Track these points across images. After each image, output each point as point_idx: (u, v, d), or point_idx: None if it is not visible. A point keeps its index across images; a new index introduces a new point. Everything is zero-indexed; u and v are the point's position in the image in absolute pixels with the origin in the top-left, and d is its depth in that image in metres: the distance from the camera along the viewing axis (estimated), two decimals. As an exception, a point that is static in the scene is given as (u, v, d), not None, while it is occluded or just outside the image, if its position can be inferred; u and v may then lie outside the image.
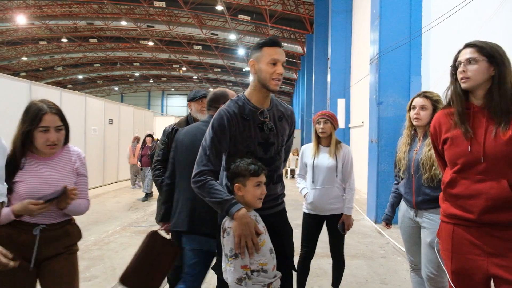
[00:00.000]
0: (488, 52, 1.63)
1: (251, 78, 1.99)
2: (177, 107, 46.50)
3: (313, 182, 3.07)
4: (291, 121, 2.12)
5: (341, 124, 9.94)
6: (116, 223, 6.45)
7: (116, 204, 8.20)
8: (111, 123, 11.59)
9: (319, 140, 3.11)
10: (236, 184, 1.80)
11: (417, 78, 5.81)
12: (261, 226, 1.82)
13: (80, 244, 5.17)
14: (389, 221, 2.83)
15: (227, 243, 1.73)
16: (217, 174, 1.89)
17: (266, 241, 1.79)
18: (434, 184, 2.33)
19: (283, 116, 2.04)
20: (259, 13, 18.16)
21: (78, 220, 1.81)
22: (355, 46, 10.15)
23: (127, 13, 21.33)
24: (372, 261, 4.45)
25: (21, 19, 20.50)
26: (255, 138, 1.91)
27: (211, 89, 3.18)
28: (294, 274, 2.16)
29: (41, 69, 34.54)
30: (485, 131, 1.61)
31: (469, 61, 1.64)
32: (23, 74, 32.43)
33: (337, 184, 3.04)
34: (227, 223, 1.75)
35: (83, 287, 3.67)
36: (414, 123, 2.47)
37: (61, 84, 36.02)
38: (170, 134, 2.78)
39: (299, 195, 3.22)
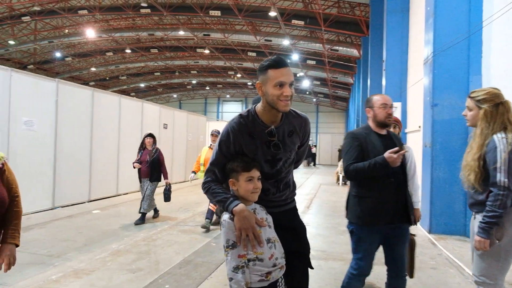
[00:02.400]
0: None
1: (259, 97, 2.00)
2: (231, 113, 47.64)
3: None
4: (304, 132, 2.10)
5: (397, 129, 9.54)
6: (165, 222, 6.80)
7: (168, 205, 8.61)
8: (166, 128, 12.24)
9: None
10: (230, 180, 1.94)
11: (477, 78, 5.42)
12: (261, 217, 1.90)
13: (129, 239, 5.56)
14: None
15: (223, 235, 1.84)
16: (221, 181, 2.01)
17: (262, 231, 1.85)
18: (477, 187, 2.31)
19: (294, 131, 2.03)
20: (313, 18, 18.09)
21: (131, 217, 1.96)
22: (412, 47, 9.71)
23: (184, 23, 22.46)
24: (420, 271, 4.22)
25: (90, 33, 22.49)
26: (261, 155, 1.95)
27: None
28: (312, 272, 2.15)
29: (107, 78, 37.48)
30: None
31: None
32: (92, 83, 35.40)
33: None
34: (223, 217, 1.87)
35: (128, 277, 3.96)
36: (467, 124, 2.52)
37: (125, 92, 38.77)
38: None
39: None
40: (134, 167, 6.91)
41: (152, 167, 6.72)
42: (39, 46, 27.06)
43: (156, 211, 7.15)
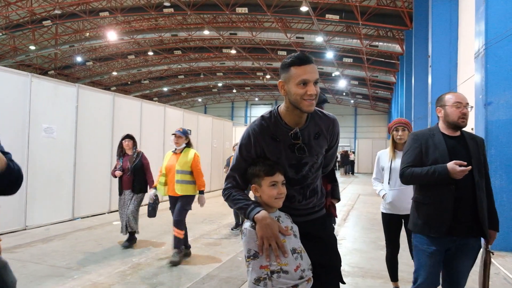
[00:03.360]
0: None
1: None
2: (261, 118, 47.85)
3: (389, 183, 3.74)
4: (332, 134, 2.09)
5: (445, 132, 9.28)
6: (188, 234, 6.90)
7: (191, 216, 8.74)
8: (190, 134, 12.47)
9: (395, 145, 3.80)
10: (252, 185, 1.96)
11: (537, 71, 5.20)
12: (283, 226, 1.90)
13: (150, 252, 5.70)
14: None
15: (244, 244, 1.86)
16: (243, 187, 2.05)
17: (287, 240, 1.86)
18: None
19: (321, 133, 2.03)
20: (349, 11, 17.97)
21: (153, 229, 1.98)
22: (463, 40, 9.43)
23: (210, 22, 22.93)
24: (473, 293, 4.05)
25: (111, 35, 23.42)
26: (285, 160, 1.96)
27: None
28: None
29: (129, 83, 38.80)
30: None
31: None
32: (113, 88, 36.78)
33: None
34: (244, 225, 1.91)
35: (149, 292, 4.05)
36: None
37: (148, 97, 39.95)
38: None
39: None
40: (115, 176, 6.08)
41: (134, 175, 5.99)
42: (60, 51, 28.46)
43: (132, 235, 6.06)
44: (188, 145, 5.53)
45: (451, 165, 2.42)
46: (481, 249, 2.65)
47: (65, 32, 25.79)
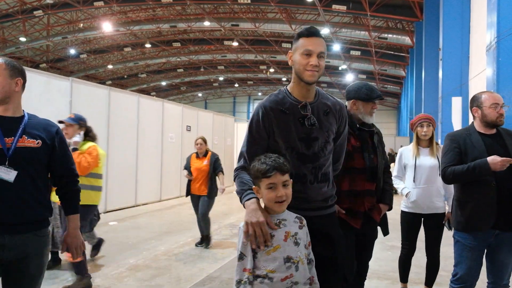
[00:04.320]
0: None
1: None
2: (264, 114, 47.97)
3: (414, 181, 3.75)
4: (340, 116, 2.22)
5: (457, 127, 9.33)
6: (188, 235, 7.02)
7: (191, 216, 8.85)
8: (189, 130, 12.58)
9: (418, 142, 3.81)
10: (253, 186, 1.95)
11: (551, 65, 5.26)
12: (283, 231, 1.87)
13: (149, 253, 5.78)
14: None
15: (238, 243, 1.89)
16: None
17: (281, 247, 1.83)
18: None
19: (330, 111, 2.16)
20: (357, 1, 18.01)
21: (152, 229, 2.08)
22: (475, 32, 9.48)
23: (210, 13, 22.97)
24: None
25: (107, 27, 23.50)
26: (295, 133, 2.06)
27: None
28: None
29: (125, 76, 38.93)
30: None
31: None
32: (108, 82, 36.89)
33: (439, 183, 3.68)
34: (241, 223, 1.91)
35: (147, 294, 4.15)
36: None
37: (145, 92, 40.00)
38: None
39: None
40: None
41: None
42: (52, 43, 28.56)
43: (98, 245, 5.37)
44: (88, 136, 4.48)
45: (491, 158, 2.60)
46: None
47: (57, 22, 25.84)
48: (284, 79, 39.05)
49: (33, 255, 2.11)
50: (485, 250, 2.84)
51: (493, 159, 2.58)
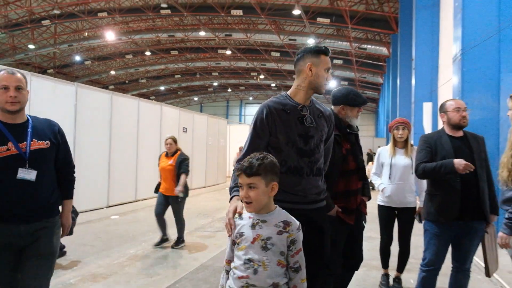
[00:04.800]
0: None
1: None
2: (255, 116, 47.95)
3: (390, 178, 3.87)
4: (330, 121, 2.34)
5: (427, 130, 9.46)
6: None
7: (186, 211, 8.87)
8: (185, 132, 12.58)
9: (395, 143, 3.92)
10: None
11: (508, 76, 5.39)
12: (255, 233, 1.76)
13: (147, 245, 5.79)
14: None
15: None
16: None
17: (246, 248, 1.75)
18: (509, 184, 2.48)
19: (322, 115, 2.29)
20: (339, 15, 18.13)
21: (150, 223, 2.07)
22: (443, 44, 9.63)
23: (205, 24, 22.95)
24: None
25: (110, 35, 23.36)
26: (295, 129, 2.16)
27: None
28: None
29: (127, 81, 38.65)
30: None
31: None
32: (111, 87, 36.61)
33: (411, 181, 3.82)
34: None
35: (146, 282, 4.20)
36: None
37: (145, 96, 39.82)
38: None
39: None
40: None
41: None
42: (59, 50, 28.28)
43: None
44: None
45: (457, 160, 2.71)
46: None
47: (64, 31, 25.63)
48: (273, 84, 39.11)
49: (44, 239, 2.23)
50: (451, 238, 2.93)
51: (458, 162, 2.67)
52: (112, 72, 34.09)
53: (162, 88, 41.80)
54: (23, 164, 2.15)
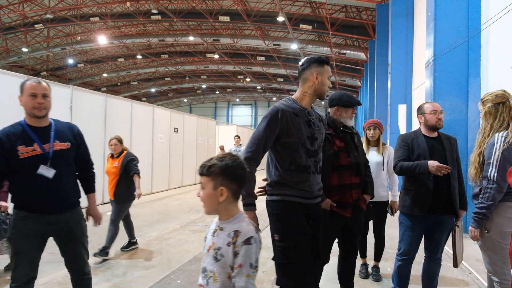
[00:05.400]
0: None
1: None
2: (241, 117, 47.97)
3: None
4: (325, 125, 2.52)
5: (402, 130, 9.67)
6: (176, 222, 7.05)
7: (178, 206, 8.89)
8: (176, 132, 12.54)
9: (368, 142, 3.98)
10: None
11: (476, 80, 5.58)
12: (211, 240, 1.63)
13: (142, 239, 5.76)
14: None
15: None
16: (258, 163, 2.27)
17: (205, 255, 1.64)
18: (476, 181, 2.60)
19: (321, 119, 2.44)
20: (320, 22, 18.31)
21: (144, 218, 2.12)
22: (416, 50, 9.85)
23: (194, 29, 22.87)
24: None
25: (102, 39, 23.05)
26: (304, 131, 2.25)
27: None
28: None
29: (119, 84, 38.17)
30: None
31: None
32: (103, 89, 36.09)
33: (383, 176, 3.90)
34: None
35: (141, 273, 4.21)
36: None
37: (136, 97, 39.41)
38: None
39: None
40: None
41: None
42: (52, 53, 27.76)
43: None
44: None
45: (431, 161, 2.79)
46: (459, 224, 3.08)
47: (56, 35, 25.15)
48: (258, 87, 39.20)
49: (74, 225, 2.49)
50: (424, 231, 3.03)
51: (432, 163, 2.76)
52: (105, 75, 33.64)
53: (153, 90, 41.43)
54: (45, 163, 2.31)
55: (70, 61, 28.99)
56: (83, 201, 2.69)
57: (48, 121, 2.45)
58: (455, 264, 2.98)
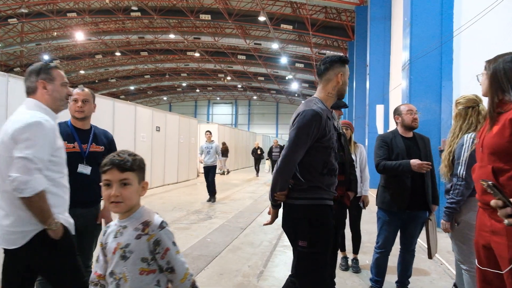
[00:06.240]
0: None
1: (326, 84, 2.30)
2: (222, 115, 47.96)
3: None
4: None
5: (380, 130, 10.03)
6: (160, 221, 7.13)
7: (162, 205, 8.95)
8: (158, 131, 12.55)
9: None
10: None
11: (448, 83, 5.93)
12: (116, 242, 1.52)
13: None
14: None
15: None
16: None
17: (110, 260, 1.54)
18: (447, 178, 2.82)
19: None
20: (301, 22, 18.62)
21: None
22: (394, 53, 10.23)
23: (175, 27, 22.77)
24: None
25: (79, 36, 22.63)
26: (334, 134, 2.28)
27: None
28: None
29: (96, 81, 37.47)
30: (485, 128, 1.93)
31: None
32: (80, 86, 35.34)
33: (356, 173, 3.88)
34: None
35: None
36: None
37: (115, 95, 38.79)
38: None
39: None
40: None
41: None
42: (26, 49, 27.03)
43: None
44: None
45: (413, 160, 3.00)
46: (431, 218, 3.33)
47: (31, 30, 24.49)
48: (239, 85, 39.31)
49: (93, 221, 2.71)
50: (399, 225, 3.29)
51: (413, 162, 2.98)
52: (82, 72, 32.98)
53: (132, 87, 40.89)
54: (81, 161, 2.58)
55: (46, 57, 28.25)
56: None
57: (89, 126, 2.75)
58: (430, 256, 3.20)
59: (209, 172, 9.22)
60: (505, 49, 3.76)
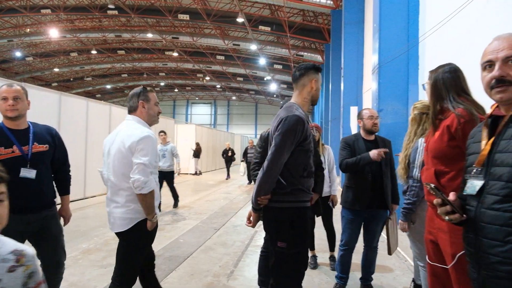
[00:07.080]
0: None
1: (303, 90, 2.36)
2: (201, 115, 47.71)
3: None
4: None
5: (354, 131, 10.26)
6: (133, 222, 7.07)
7: (136, 206, 8.86)
8: (134, 131, 12.39)
9: None
10: None
11: (414, 87, 6.16)
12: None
13: (99, 239, 5.75)
14: None
15: None
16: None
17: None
18: (404, 180, 2.95)
19: None
20: (279, 24, 18.79)
21: (100, 219, 2.15)
22: (367, 56, 10.49)
23: (153, 26, 22.51)
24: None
25: (53, 33, 22.01)
26: (312, 138, 2.38)
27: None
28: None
29: (71, 79, 36.58)
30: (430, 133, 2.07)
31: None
32: (54, 84, 34.47)
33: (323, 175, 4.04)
34: None
35: (100, 272, 4.28)
36: None
37: (90, 94, 38.00)
38: (267, 139, 3.00)
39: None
40: None
41: None
42: (-3, 45, 26.15)
43: None
44: None
45: (371, 151, 3.18)
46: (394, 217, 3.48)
47: (3, 26, 23.70)
48: (218, 86, 39.20)
49: (51, 223, 2.60)
50: (362, 223, 3.44)
51: (373, 153, 3.16)
52: (56, 69, 32.12)
53: (108, 86, 40.13)
54: (25, 164, 2.39)
55: (18, 54, 27.40)
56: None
57: (26, 124, 2.51)
58: (389, 252, 3.37)
59: (165, 179, 7.99)
60: (468, 55, 3.96)
